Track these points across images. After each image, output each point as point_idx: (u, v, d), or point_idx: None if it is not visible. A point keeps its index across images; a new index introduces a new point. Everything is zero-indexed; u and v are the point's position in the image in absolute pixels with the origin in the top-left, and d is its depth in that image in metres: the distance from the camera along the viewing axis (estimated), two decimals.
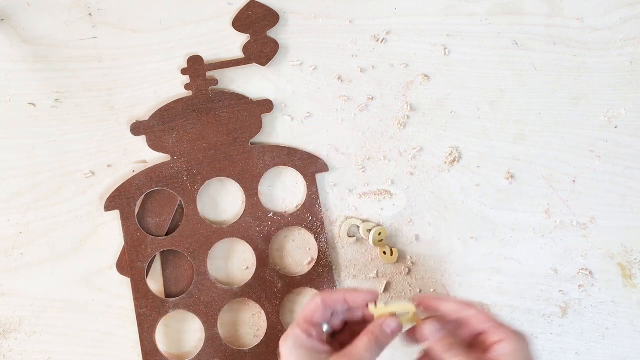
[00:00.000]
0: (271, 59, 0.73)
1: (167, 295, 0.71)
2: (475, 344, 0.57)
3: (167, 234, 0.71)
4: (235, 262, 0.72)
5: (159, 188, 0.71)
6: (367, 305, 0.59)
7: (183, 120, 0.71)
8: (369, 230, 0.71)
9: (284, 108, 0.73)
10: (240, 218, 0.71)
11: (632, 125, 0.75)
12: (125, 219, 0.70)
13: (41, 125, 0.72)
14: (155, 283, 0.71)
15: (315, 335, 0.57)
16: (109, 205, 0.70)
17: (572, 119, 0.74)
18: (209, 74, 0.72)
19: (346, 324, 0.61)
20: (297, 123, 0.73)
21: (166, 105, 0.71)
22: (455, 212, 0.73)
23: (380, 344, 0.56)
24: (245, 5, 0.73)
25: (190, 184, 0.71)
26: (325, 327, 0.59)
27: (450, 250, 0.73)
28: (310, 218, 0.71)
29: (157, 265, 0.71)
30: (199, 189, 0.71)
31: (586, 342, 0.72)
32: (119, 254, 0.71)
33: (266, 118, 0.72)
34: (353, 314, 0.60)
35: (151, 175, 0.71)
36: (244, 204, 0.72)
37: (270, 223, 0.71)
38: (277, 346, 0.69)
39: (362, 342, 0.56)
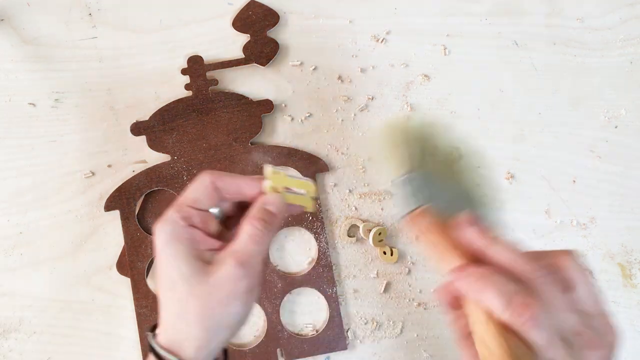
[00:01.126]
0: (271, 59, 0.73)
1: None
2: None
3: None
4: None
5: (159, 188, 0.71)
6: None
7: (183, 120, 0.71)
8: (369, 230, 0.71)
9: (284, 108, 0.73)
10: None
11: (632, 125, 0.75)
12: (125, 219, 0.70)
13: (41, 125, 0.72)
14: (155, 283, 0.71)
15: (199, 223, 0.48)
16: (109, 205, 0.70)
17: (572, 119, 0.74)
18: (209, 74, 0.72)
19: (240, 207, 0.50)
20: (297, 123, 0.73)
21: (166, 105, 0.71)
22: None
23: (268, 229, 0.47)
24: (245, 5, 0.73)
25: (190, 184, 0.71)
26: (215, 212, 0.49)
27: None
28: (310, 218, 0.71)
29: None
30: None
31: None
32: (119, 254, 0.71)
33: (266, 118, 0.72)
34: (246, 194, 0.49)
35: (151, 175, 0.71)
36: None
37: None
38: (277, 346, 0.70)
39: (246, 234, 0.47)
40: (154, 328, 0.48)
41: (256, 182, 0.49)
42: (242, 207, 0.50)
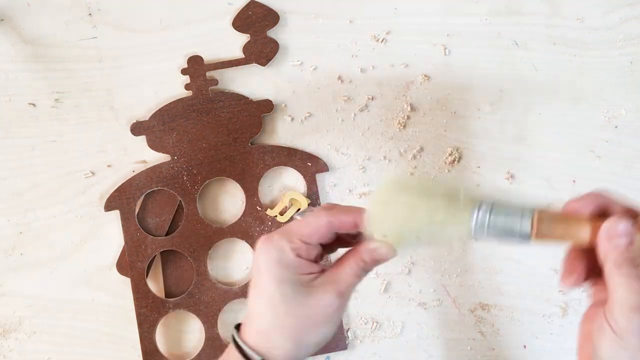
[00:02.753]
0: (271, 59, 0.73)
1: (167, 295, 0.71)
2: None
3: (167, 234, 0.71)
4: (235, 262, 0.72)
5: (159, 188, 0.71)
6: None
7: (183, 120, 0.71)
8: None
9: (284, 108, 0.73)
10: (240, 218, 0.71)
11: (632, 125, 0.74)
12: (125, 219, 0.70)
13: (41, 125, 0.72)
14: (155, 283, 0.71)
15: (305, 255, 0.50)
16: (109, 205, 0.70)
17: (572, 119, 0.74)
18: (209, 74, 0.72)
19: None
20: (297, 123, 0.73)
21: (166, 105, 0.71)
22: None
23: (367, 269, 0.51)
24: (245, 5, 0.73)
25: (190, 184, 0.71)
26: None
27: (450, 250, 0.73)
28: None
29: (157, 265, 0.71)
30: (199, 189, 0.71)
31: None
32: (119, 254, 0.71)
33: (266, 118, 0.73)
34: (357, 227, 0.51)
35: (151, 175, 0.71)
36: (244, 204, 0.71)
37: (270, 223, 0.71)
38: None
39: (350, 268, 0.50)
40: (237, 326, 0.52)
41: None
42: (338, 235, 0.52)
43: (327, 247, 0.53)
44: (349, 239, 0.52)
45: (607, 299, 0.45)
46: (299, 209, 0.70)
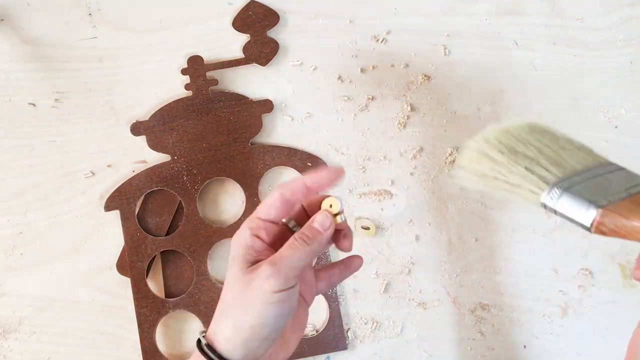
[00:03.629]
0: (271, 59, 0.73)
1: (167, 295, 0.71)
2: None
3: (167, 234, 0.71)
4: None
5: (159, 188, 0.71)
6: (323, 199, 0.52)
7: (183, 120, 0.71)
8: (364, 228, 0.72)
9: (284, 108, 0.73)
10: (240, 218, 0.71)
11: (632, 125, 0.74)
12: (125, 219, 0.70)
13: (41, 125, 0.72)
14: (155, 283, 0.71)
15: (264, 236, 0.50)
16: (109, 205, 0.70)
17: (572, 119, 0.74)
18: (209, 74, 0.72)
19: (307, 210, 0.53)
20: (297, 123, 0.73)
21: (166, 105, 0.71)
22: (455, 212, 0.73)
23: (306, 240, 0.49)
24: (245, 5, 0.73)
25: (190, 184, 0.71)
26: (286, 220, 0.52)
27: (450, 250, 0.73)
28: None
29: (157, 265, 0.71)
30: (199, 189, 0.71)
31: (586, 342, 0.72)
32: (119, 254, 0.71)
33: (266, 118, 0.72)
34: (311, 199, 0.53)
35: (151, 175, 0.71)
36: (244, 204, 0.71)
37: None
38: None
39: (288, 247, 0.49)
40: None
41: (320, 175, 0.51)
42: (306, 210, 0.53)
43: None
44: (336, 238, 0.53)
45: None
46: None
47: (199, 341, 0.50)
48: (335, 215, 0.51)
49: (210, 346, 0.49)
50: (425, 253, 0.73)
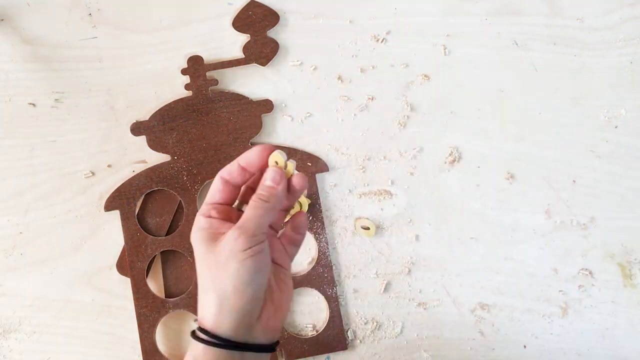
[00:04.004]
0: (271, 59, 0.73)
1: (167, 295, 0.71)
2: None
3: (167, 234, 0.71)
4: None
5: (159, 188, 0.71)
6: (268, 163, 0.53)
7: (183, 120, 0.71)
8: (363, 228, 0.72)
9: (284, 108, 0.73)
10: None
11: (632, 125, 0.75)
12: (125, 219, 0.70)
13: (41, 125, 0.72)
14: (155, 283, 0.71)
15: (218, 215, 0.52)
16: (109, 205, 0.70)
17: (572, 119, 0.74)
18: (209, 74, 0.72)
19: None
20: (297, 123, 0.73)
21: (166, 105, 0.71)
22: (456, 212, 0.73)
23: (264, 199, 0.51)
24: (245, 5, 0.73)
25: (190, 184, 0.71)
26: (236, 204, 0.54)
27: (450, 250, 0.73)
28: (311, 218, 0.71)
29: (157, 265, 0.71)
30: (199, 189, 0.71)
31: (586, 342, 0.72)
32: (119, 254, 0.71)
33: (266, 118, 0.72)
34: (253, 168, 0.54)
35: (151, 175, 0.71)
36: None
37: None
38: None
39: (249, 209, 0.51)
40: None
41: (251, 153, 0.52)
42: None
43: None
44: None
45: None
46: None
47: (192, 331, 0.51)
48: (286, 167, 0.53)
49: (201, 328, 0.50)
50: (425, 253, 0.73)
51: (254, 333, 0.50)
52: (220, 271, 0.49)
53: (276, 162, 0.52)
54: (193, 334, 0.50)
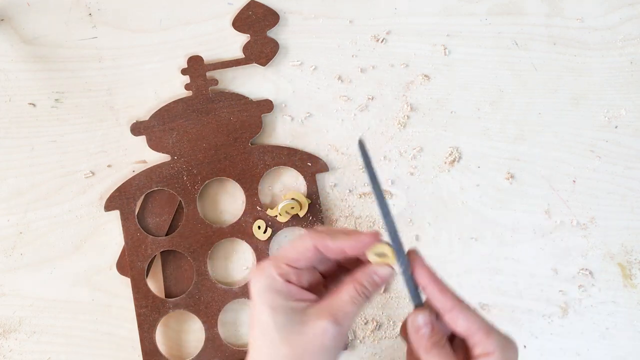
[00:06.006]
0: (271, 59, 0.73)
1: (167, 295, 0.71)
2: (456, 344, 0.50)
3: (167, 234, 0.71)
4: (235, 262, 0.72)
5: (159, 188, 0.71)
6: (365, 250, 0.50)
7: (183, 120, 0.71)
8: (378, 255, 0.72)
9: (284, 108, 0.73)
10: (240, 218, 0.71)
11: (632, 125, 0.75)
12: (125, 219, 0.70)
13: (41, 125, 0.72)
14: (155, 283, 0.71)
15: (295, 280, 0.49)
16: (109, 205, 0.70)
17: (572, 119, 0.74)
18: (209, 74, 0.72)
19: (338, 266, 0.53)
20: (297, 123, 0.73)
21: (166, 105, 0.71)
22: (455, 212, 0.73)
23: (367, 294, 0.49)
24: (245, 5, 0.73)
25: (190, 184, 0.71)
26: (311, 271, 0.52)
27: (450, 250, 0.73)
28: (311, 218, 0.71)
29: (157, 265, 0.71)
30: (199, 189, 0.71)
31: (586, 342, 0.72)
32: (119, 254, 0.71)
33: (266, 118, 0.73)
34: (347, 254, 0.51)
35: (151, 175, 0.71)
36: (244, 204, 0.72)
37: (270, 223, 0.71)
38: None
39: (347, 294, 0.49)
40: None
41: (359, 244, 0.49)
42: (338, 263, 0.52)
43: (331, 276, 0.53)
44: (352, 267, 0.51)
45: None
46: (292, 207, 0.70)
47: None
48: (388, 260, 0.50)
49: None
50: (425, 253, 0.72)
51: None
52: (306, 356, 0.47)
53: (382, 254, 0.49)
54: None
